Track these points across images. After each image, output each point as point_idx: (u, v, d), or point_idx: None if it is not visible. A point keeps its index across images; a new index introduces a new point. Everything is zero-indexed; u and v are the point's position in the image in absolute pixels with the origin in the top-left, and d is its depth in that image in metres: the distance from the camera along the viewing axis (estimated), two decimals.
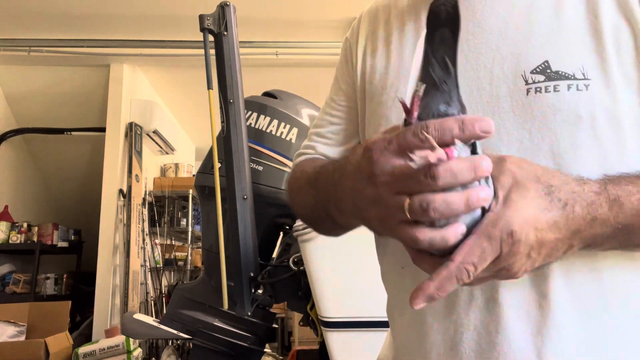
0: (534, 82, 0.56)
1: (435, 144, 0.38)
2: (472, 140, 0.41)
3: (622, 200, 0.46)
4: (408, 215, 0.41)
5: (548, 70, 0.56)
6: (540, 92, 0.55)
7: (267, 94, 2.35)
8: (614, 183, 0.48)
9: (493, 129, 0.40)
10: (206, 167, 2.24)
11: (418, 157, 0.39)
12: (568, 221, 0.44)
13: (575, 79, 0.55)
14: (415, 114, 0.40)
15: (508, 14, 0.61)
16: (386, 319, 0.74)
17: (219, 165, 1.99)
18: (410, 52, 0.67)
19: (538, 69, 0.56)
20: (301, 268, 1.82)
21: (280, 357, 3.44)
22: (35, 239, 4.33)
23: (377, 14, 0.75)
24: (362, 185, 0.45)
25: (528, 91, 0.56)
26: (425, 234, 0.41)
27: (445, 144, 0.39)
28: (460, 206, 0.40)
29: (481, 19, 0.62)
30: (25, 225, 4.32)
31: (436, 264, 0.42)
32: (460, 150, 0.39)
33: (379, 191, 0.43)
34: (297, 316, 2.96)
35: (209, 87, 1.94)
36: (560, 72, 0.55)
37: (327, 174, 0.59)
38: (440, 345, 0.58)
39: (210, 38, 1.95)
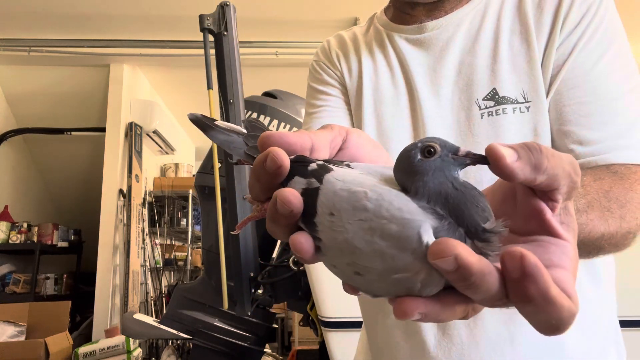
0: (486, 108, 0.67)
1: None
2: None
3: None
4: None
5: (496, 96, 0.67)
6: (492, 115, 0.67)
7: (267, 94, 2.35)
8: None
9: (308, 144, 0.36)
10: (206, 167, 2.24)
11: None
12: None
13: (518, 102, 0.66)
14: None
15: (460, 52, 0.71)
16: None
17: (219, 165, 1.99)
18: (385, 79, 0.77)
19: (488, 96, 0.67)
20: (301, 268, 1.82)
21: (280, 357, 3.44)
22: (35, 239, 4.33)
23: (345, 42, 0.86)
24: None
25: (482, 115, 0.67)
26: None
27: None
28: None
29: (439, 58, 0.73)
30: (25, 225, 4.33)
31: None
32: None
33: None
34: (297, 316, 2.96)
35: (209, 87, 1.94)
36: (506, 97, 0.66)
37: None
38: (432, 337, 0.67)
39: (210, 38, 1.95)
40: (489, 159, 0.28)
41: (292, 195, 0.31)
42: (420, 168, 0.30)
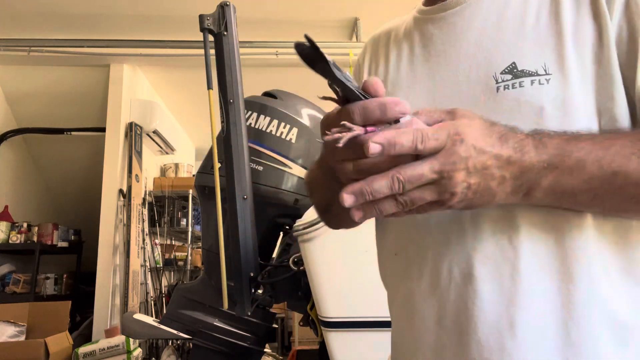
0: (502, 81, 0.65)
1: (351, 124, 0.48)
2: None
3: (545, 141, 0.55)
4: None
5: (515, 70, 0.65)
6: (507, 88, 0.65)
7: (267, 94, 2.35)
8: (540, 134, 0.56)
9: (409, 109, 0.50)
10: (206, 167, 2.24)
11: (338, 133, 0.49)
12: (502, 148, 0.52)
13: (538, 74, 0.63)
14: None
15: (482, 27, 0.71)
16: (386, 319, 0.77)
17: (219, 165, 1.99)
18: (405, 67, 0.78)
19: (506, 70, 0.66)
20: (301, 268, 1.81)
21: (280, 357, 3.44)
22: (35, 239, 4.33)
23: (379, 40, 0.88)
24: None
25: (498, 89, 0.65)
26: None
27: (370, 123, 0.49)
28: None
29: (460, 33, 0.73)
30: (25, 225, 4.32)
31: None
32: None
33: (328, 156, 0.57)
34: (297, 316, 2.96)
35: (209, 87, 1.94)
36: (525, 70, 0.64)
37: None
38: (427, 320, 0.65)
39: (210, 38, 1.95)
40: None
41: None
42: None
